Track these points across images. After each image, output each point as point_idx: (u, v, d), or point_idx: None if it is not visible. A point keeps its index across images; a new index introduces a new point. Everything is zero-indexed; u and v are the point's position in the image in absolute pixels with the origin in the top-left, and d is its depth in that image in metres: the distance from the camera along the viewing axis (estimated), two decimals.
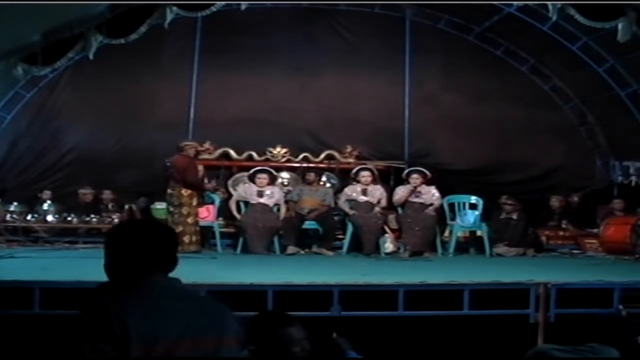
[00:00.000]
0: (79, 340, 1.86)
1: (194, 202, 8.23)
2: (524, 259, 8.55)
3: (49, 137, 10.51)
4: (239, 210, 8.83)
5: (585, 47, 10.04)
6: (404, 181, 8.94)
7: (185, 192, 8.12)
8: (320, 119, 10.79)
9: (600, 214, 9.56)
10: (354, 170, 9.18)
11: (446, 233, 9.04)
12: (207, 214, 8.87)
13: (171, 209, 8.15)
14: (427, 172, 8.90)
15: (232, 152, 10.23)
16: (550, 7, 8.28)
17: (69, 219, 9.36)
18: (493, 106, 10.96)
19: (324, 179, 10.02)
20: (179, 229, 7.97)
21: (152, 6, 7.93)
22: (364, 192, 8.83)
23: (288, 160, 10.26)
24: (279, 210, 8.78)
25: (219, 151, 10.21)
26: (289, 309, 3.31)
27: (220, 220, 9.11)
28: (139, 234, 2.10)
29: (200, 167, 9.01)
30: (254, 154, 10.24)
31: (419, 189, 8.70)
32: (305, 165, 10.13)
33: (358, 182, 8.97)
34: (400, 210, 8.79)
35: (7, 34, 7.31)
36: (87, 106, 10.41)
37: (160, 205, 8.99)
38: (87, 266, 6.44)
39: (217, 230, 8.81)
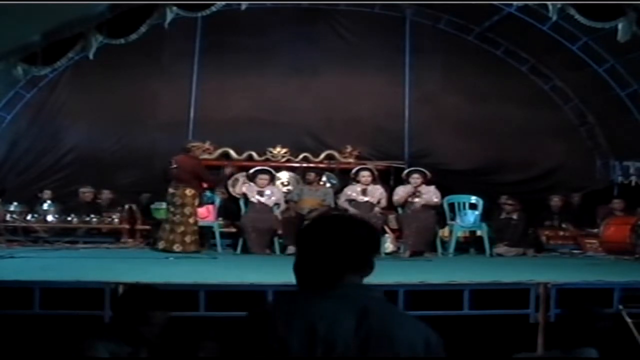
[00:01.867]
0: (234, 344, 1.78)
1: (196, 202, 8.20)
2: (524, 259, 8.56)
3: (49, 137, 10.51)
4: (239, 209, 8.84)
5: (585, 47, 10.03)
6: (404, 181, 8.93)
7: (189, 192, 8.02)
8: (320, 119, 10.78)
9: (600, 214, 9.55)
10: (354, 170, 9.16)
11: (446, 233, 9.04)
12: (207, 214, 8.86)
13: (172, 208, 8.08)
14: (427, 172, 8.90)
15: (232, 152, 10.23)
16: (550, 7, 8.28)
17: (69, 219, 9.36)
18: (493, 106, 10.95)
19: (324, 179, 10.01)
20: (181, 229, 7.95)
21: (152, 6, 7.92)
22: (364, 192, 8.82)
23: (288, 160, 10.26)
24: (279, 209, 8.78)
25: (219, 151, 10.21)
26: None
27: (220, 221, 9.11)
28: (336, 229, 1.83)
29: None
30: (254, 154, 10.25)
31: (419, 188, 8.71)
32: (305, 165, 10.13)
33: (358, 182, 8.95)
34: (400, 210, 8.79)
35: (7, 34, 7.30)
36: (87, 106, 10.42)
37: (160, 205, 8.98)
38: (87, 266, 6.50)
39: (217, 231, 8.80)
